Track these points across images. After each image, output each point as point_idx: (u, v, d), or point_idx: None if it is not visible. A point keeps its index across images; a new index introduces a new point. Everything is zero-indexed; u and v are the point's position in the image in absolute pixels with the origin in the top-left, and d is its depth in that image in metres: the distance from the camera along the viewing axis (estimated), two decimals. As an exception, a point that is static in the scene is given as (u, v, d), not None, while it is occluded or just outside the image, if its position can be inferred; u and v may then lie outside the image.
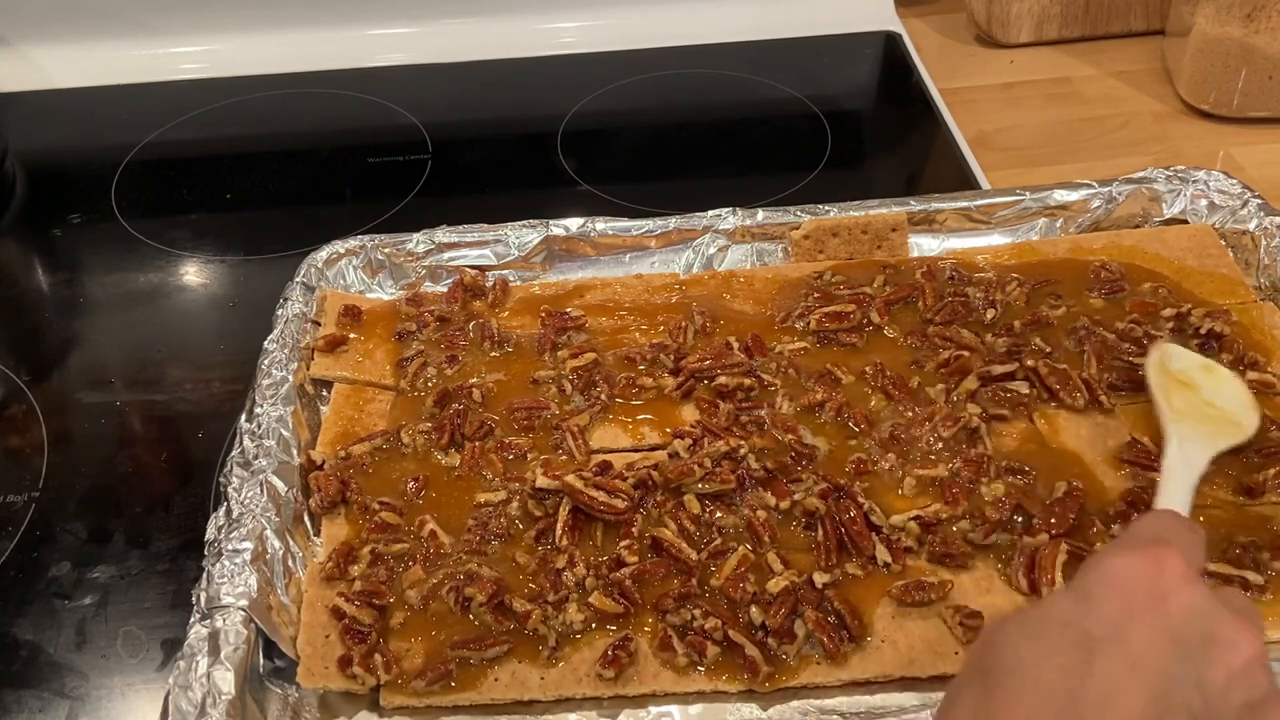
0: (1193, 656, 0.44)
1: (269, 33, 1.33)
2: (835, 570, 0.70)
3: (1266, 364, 0.81)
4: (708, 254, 0.95)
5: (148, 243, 1.09)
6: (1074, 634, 0.44)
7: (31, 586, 0.77)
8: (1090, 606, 0.45)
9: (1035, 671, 0.44)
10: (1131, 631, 0.44)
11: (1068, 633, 0.44)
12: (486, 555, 0.73)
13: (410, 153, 1.19)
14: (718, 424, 0.79)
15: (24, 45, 1.32)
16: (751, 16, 1.36)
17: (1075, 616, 0.45)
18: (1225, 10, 1.10)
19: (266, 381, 0.82)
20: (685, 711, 0.66)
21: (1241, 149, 1.13)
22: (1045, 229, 0.96)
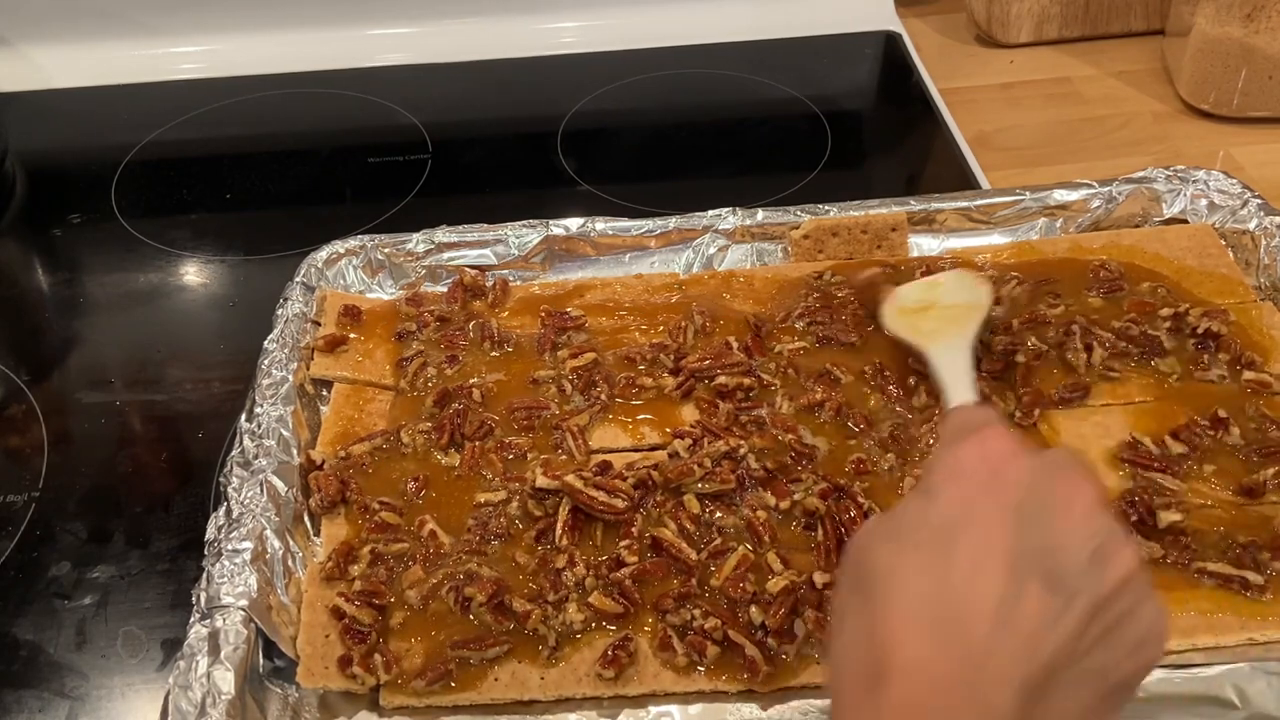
0: (1036, 520, 0.46)
1: (269, 33, 1.33)
2: (835, 570, 0.70)
3: (1264, 364, 0.81)
4: (708, 254, 0.95)
5: (148, 243, 1.09)
6: (928, 531, 0.47)
7: (31, 586, 0.77)
8: (936, 501, 0.48)
9: (902, 574, 0.47)
10: (975, 514, 0.47)
11: (922, 531, 0.48)
12: (486, 555, 0.73)
13: (410, 153, 1.19)
14: (718, 424, 0.79)
15: (24, 45, 1.32)
16: (751, 16, 1.36)
17: (925, 515, 0.48)
18: (1225, 10, 1.10)
19: (266, 381, 0.82)
20: (685, 711, 0.66)
21: (1241, 149, 1.13)
22: (1045, 229, 0.96)
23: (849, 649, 0.47)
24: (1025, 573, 0.45)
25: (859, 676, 0.45)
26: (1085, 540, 0.46)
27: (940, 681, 0.43)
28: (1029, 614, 0.44)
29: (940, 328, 0.80)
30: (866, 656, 0.45)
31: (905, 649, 0.44)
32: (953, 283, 0.85)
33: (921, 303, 0.83)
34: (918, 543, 0.47)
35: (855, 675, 0.46)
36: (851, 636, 0.47)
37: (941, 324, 0.80)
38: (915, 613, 0.45)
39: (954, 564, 0.46)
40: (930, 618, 0.45)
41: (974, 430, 0.51)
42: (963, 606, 0.45)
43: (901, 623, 0.45)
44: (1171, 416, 0.78)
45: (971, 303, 0.81)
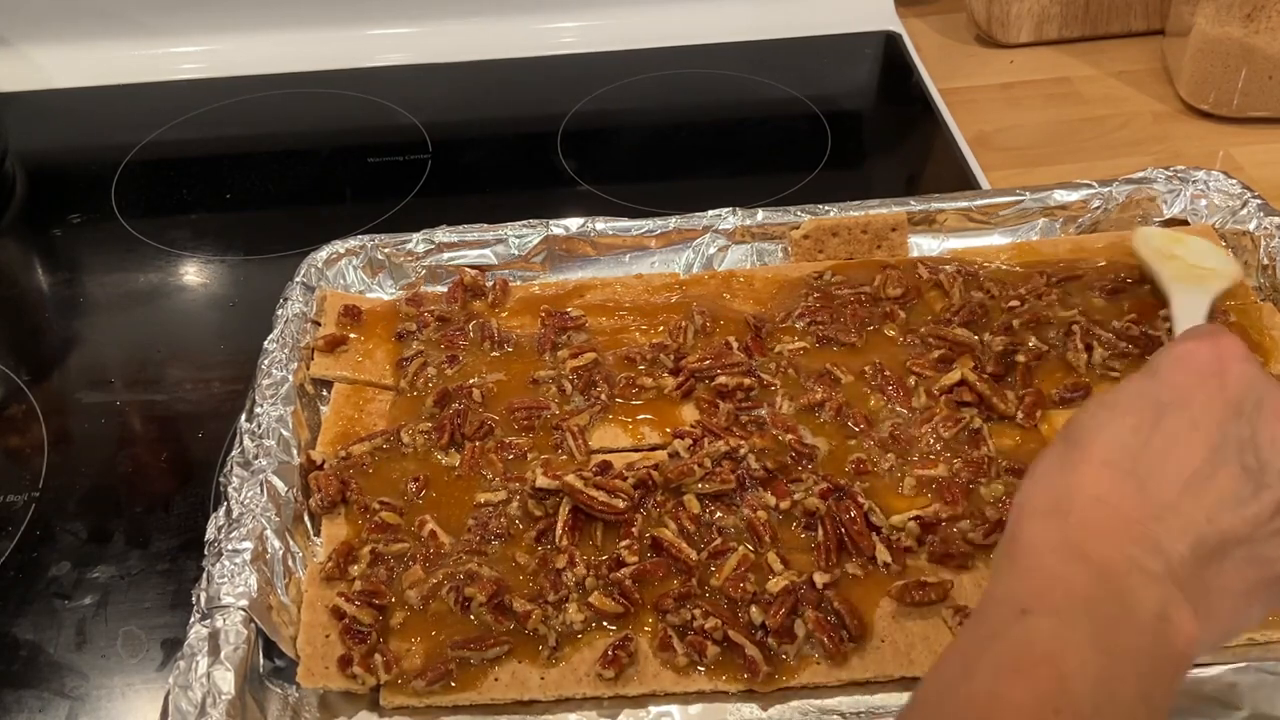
0: (1248, 417, 0.50)
1: (269, 33, 1.33)
2: (835, 570, 0.70)
3: (1265, 364, 0.81)
4: (708, 254, 0.95)
5: (148, 243, 1.09)
6: (1144, 401, 0.51)
7: (31, 586, 0.77)
8: (1160, 379, 0.52)
9: (1110, 428, 0.50)
10: (1193, 396, 0.50)
11: (1139, 400, 0.51)
12: (486, 555, 0.73)
13: (410, 153, 1.19)
14: (718, 424, 0.79)
15: (24, 45, 1.32)
16: (751, 16, 1.36)
17: (1146, 388, 0.52)
18: (1225, 10, 1.10)
19: (266, 381, 0.82)
20: (685, 711, 0.66)
21: (1241, 149, 1.13)
22: (1045, 229, 0.96)
23: (1039, 481, 0.51)
24: (1224, 456, 0.49)
25: (1043, 503, 0.49)
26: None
27: (1121, 517, 0.47)
28: (1218, 488, 0.48)
29: (1182, 275, 0.82)
30: (1057, 487, 0.49)
31: (1097, 486, 0.48)
32: (1202, 246, 0.86)
33: (1167, 251, 0.85)
34: (1131, 409, 0.51)
35: (1039, 502, 0.49)
36: (1045, 473, 0.51)
37: (1184, 275, 0.83)
38: (1113, 461, 0.49)
39: (1160, 430, 0.49)
40: (1125, 469, 0.49)
41: (1214, 331, 0.54)
42: (1158, 467, 0.48)
43: (1097, 467, 0.49)
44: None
45: (1220, 270, 0.84)
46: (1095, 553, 0.46)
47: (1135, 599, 0.45)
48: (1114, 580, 0.45)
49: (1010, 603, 0.46)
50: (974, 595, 0.69)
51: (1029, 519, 0.49)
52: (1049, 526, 0.48)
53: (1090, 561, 0.46)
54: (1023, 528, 0.49)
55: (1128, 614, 0.45)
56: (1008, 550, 0.49)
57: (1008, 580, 0.48)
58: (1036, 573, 0.47)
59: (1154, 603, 0.45)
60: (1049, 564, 0.47)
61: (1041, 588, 0.46)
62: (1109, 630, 0.44)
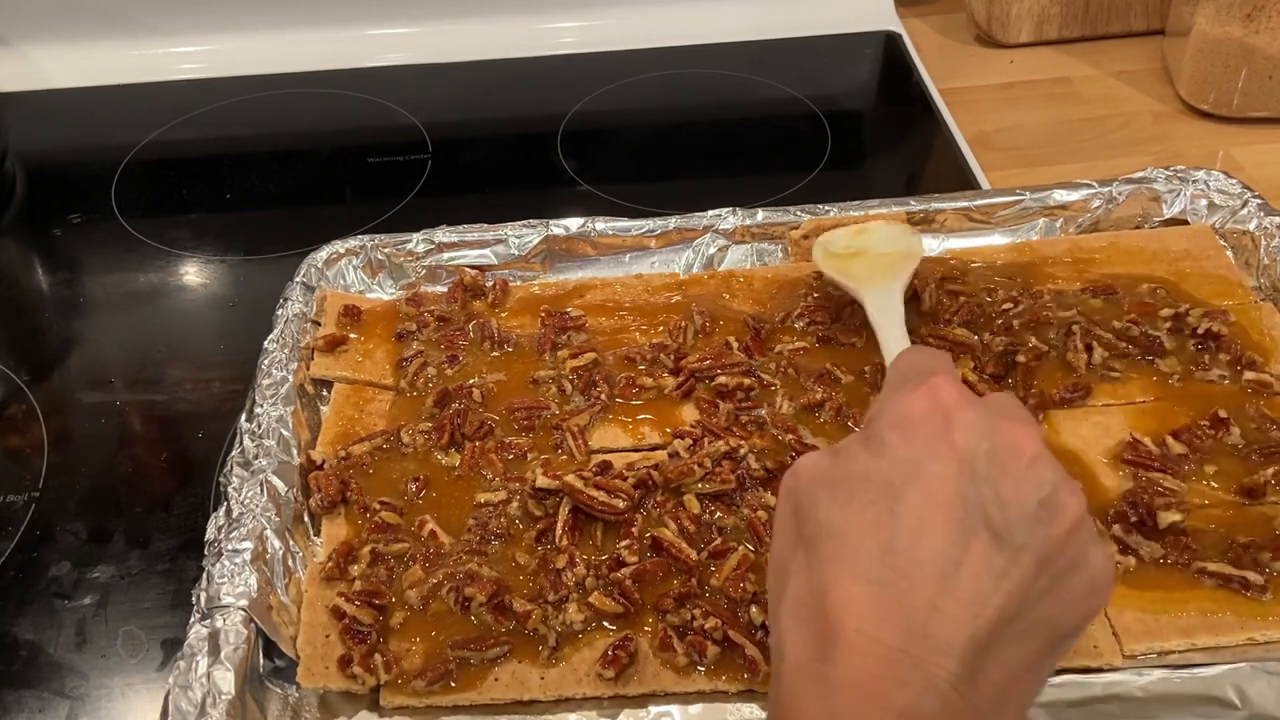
0: (983, 475, 0.46)
1: (269, 33, 1.33)
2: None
3: (1264, 364, 0.81)
4: (708, 254, 0.95)
5: (148, 243, 1.09)
6: (875, 486, 0.47)
7: (31, 586, 0.77)
8: (884, 453, 0.48)
9: (850, 530, 0.47)
10: (922, 468, 0.47)
11: (869, 486, 0.47)
12: (486, 555, 0.73)
13: (410, 153, 1.19)
14: (718, 424, 0.79)
15: (24, 45, 1.32)
16: (751, 16, 1.36)
17: (873, 469, 0.48)
18: (1225, 10, 1.10)
19: (266, 381, 0.82)
20: (685, 711, 0.66)
21: (1241, 149, 1.13)
22: (1045, 229, 0.96)
23: (798, 610, 0.47)
24: (972, 528, 0.45)
25: (807, 644, 0.46)
26: (1033, 491, 0.46)
27: (885, 654, 0.43)
28: (974, 572, 0.44)
29: (871, 274, 0.81)
30: (815, 623, 0.46)
31: (853, 618, 0.44)
32: (884, 231, 0.86)
33: (851, 248, 0.85)
34: (865, 500, 0.47)
35: (803, 641, 0.46)
36: (799, 597, 0.47)
37: (873, 270, 0.81)
38: (863, 575, 0.45)
39: (900, 521, 0.46)
40: (878, 581, 0.45)
41: (925, 375, 0.50)
42: (909, 568, 0.45)
43: (849, 586, 0.45)
44: (1172, 417, 0.78)
45: (904, 251, 0.83)
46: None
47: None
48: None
49: None
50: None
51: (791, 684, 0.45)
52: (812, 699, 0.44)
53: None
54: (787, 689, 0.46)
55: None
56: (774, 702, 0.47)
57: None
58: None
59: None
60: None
61: None
62: None
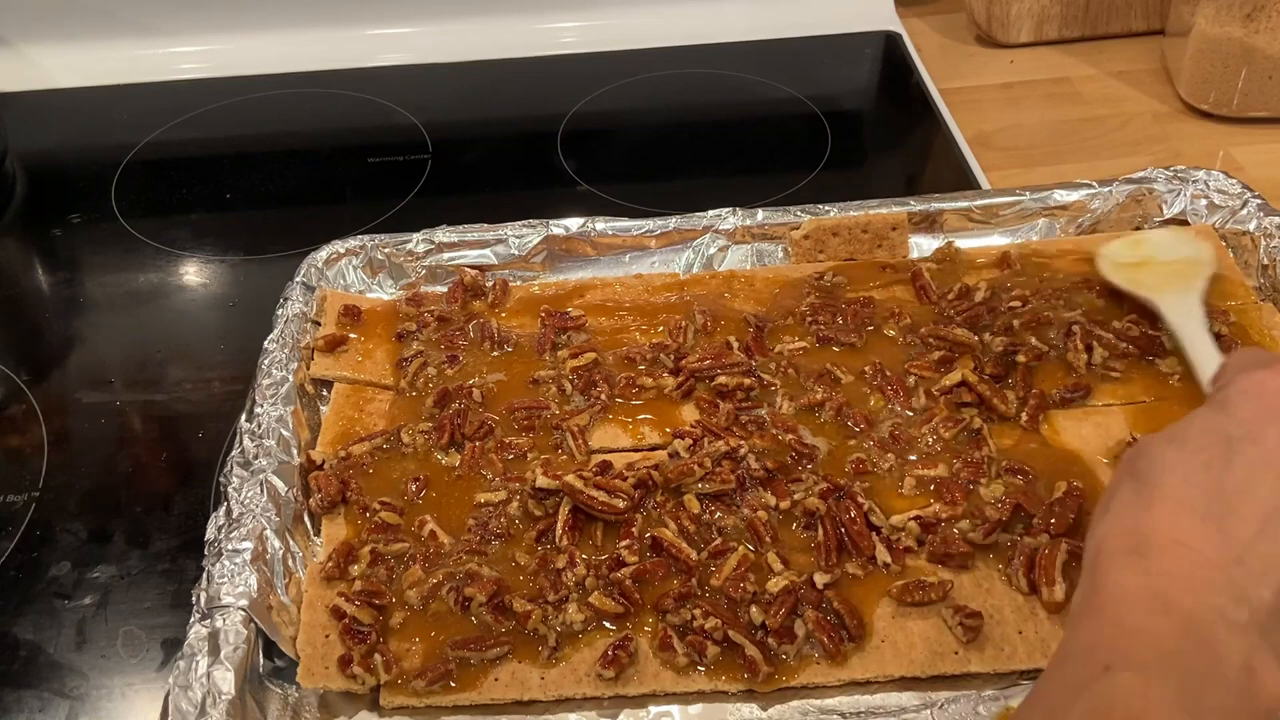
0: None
1: (269, 33, 1.33)
2: (835, 570, 0.70)
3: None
4: (708, 254, 0.95)
5: (148, 243, 1.09)
6: (1215, 437, 0.50)
7: (31, 586, 0.77)
8: (1229, 412, 0.50)
9: (1182, 468, 0.49)
10: (1265, 430, 0.49)
11: (1209, 436, 0.50)
12: (487, 555, 0.73)
13: (410, 153, 1.19)
14: (718, 424, 0.79)
15: (24, 45, 1.32)
16: (751, 16, 1.36)
17: (1215, 422, 0.50)
18: (1225, 10, 1.10)
19: (266, 381, 0.82)
20: (685, 711, 0.66)
21: (1241, 149, 1.13)
22: (1045, 229, 0.96)
23: (1115, 521, 0.49)
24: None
25: (1121, 546, 0.48)
26: None
27: (1203, 562, 0.46)
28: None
29: (1163, 282, 0.78)
30: (1132, 530, 0.48)
31: (1174, 529, 0.47)
32: (1167, 238, 0.83)
33: (1135, 258, 0.81)
34: (1202, 445, 0.49)
35: (1118, 544, 0.48)
36: (1119, 513, 0.49)
37: (1163, 278, 0.78)
38: (1187, 502, 0.48)
39: (1232, 469, 0.48)
40: (1201, 509, 0.47)
41: (1274, 360, 0.53)
42: (1235, 507, 0.47)
43: (1172, 508, 0.48)
44: (1172, 416, 0.77)
45: (1193, 258, 0.80)
46: (1179, 603, 0.45)
47: (1221, 653, 0.44)
48: (1199, 633, 0.44)
49: (1094, 655, 0.45)
50: (974, 595, 0.69)
51: (1109, 562, 0.48)
52: (1130, 572, 0.47)
53: (1174, 613, 0.45)
54: (1103, 572, 0.48)
55: (1214, 669, 0.44)
56: (1088, 596, 0.48)
57: (1090, 629, 0.47)
58: (1120, 623, 0.46)
59: (1239, 655, 0.44)
60: (1132, 615, 0.46)
61: (1126, 641, 0.45)
62: (1195, 688, 0.43)
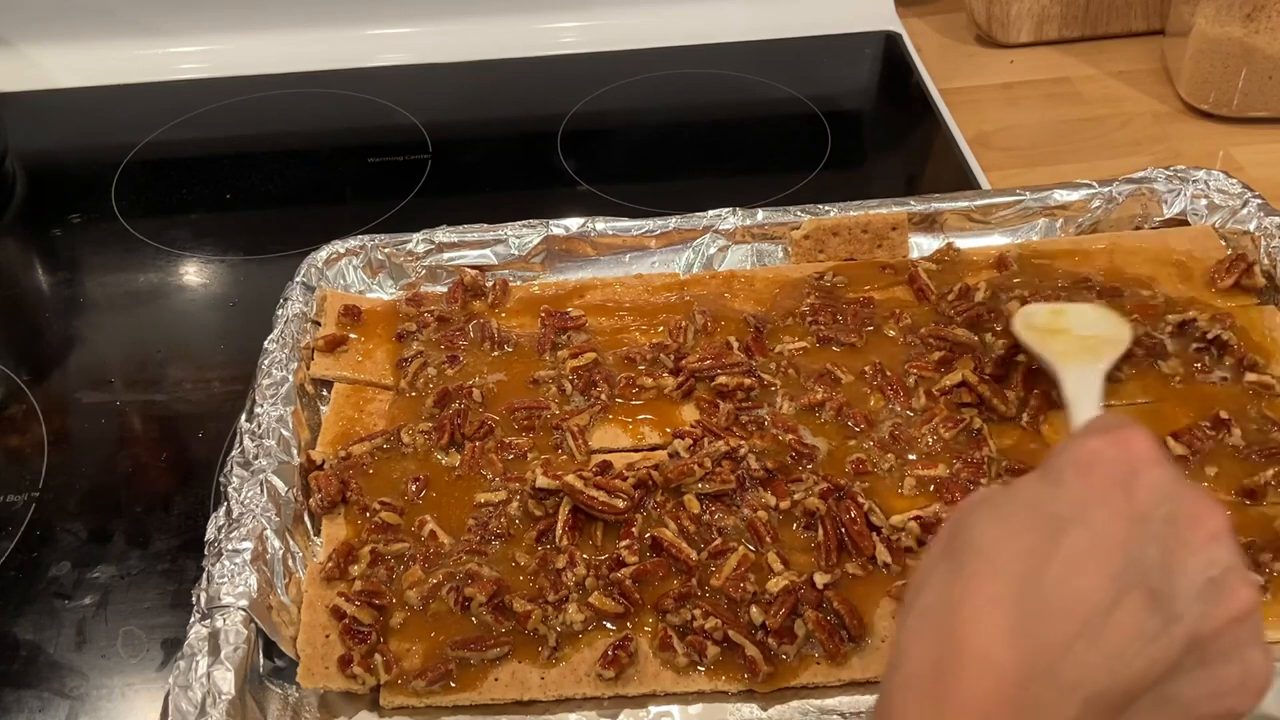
0: (1157, 535, 0.44)
1: (269, 33, 1.33)
2: (835, 570, 0.70)
3: (1266, 366, 0.81)
4: (708, 254, 0.95)
5: (148, 243, 1.09)
6: (1040, 516, 0.45)
7: (31, 586, 0.77)
8: (1058, 488, 0.46)
9: (1001, 552, 0.44)
10: (1096, 513, 0.44)
11: (1034, 515, 0.45)
12: (487, 555, 0.73)
13: (410, 153, 1.19)
14: (718, 424, 0.79)
15: (24, 45, 1.32)
16: (751, 16, 1.36)
17: (1042, 499, 0.46)
18: (1225, 10, 1.10)
19: (266, 381, 0.82)
20: (685, 711, 0.66)
21: (1241, 149, 1.13)
22: (1045, 229, 0.96)
23: (926, 619, 0.45)
24: (1130, 584, 0.43)
25: (928, 656, 0.44)
26: (1203, 567, 0.44)
27: (1006, 684, 0.42)
28: (1121, 627, 0.42)
29: (1073, 352, 0.78)
30: (941, 635, 0.44)
31: (981, 639, 0.43)
32: (1088, 315, 0.82)
33: (1051, 326, 0.81)
34: (1025, 526, 0.45)
35: (924, 653, 0.44)
36: (930, 605, 0.45)
37: (1075, 349, 0.78)
38: (1003, 599, 0.43)
39: (1056, 556, 0.43)
40: (1016, 608, 0.43)
41: (1121, 426, 0.48)
42: (1053, 603, 0.43)
43: (985, 606, 0.43)
44: (1173, 418, 0.78)
45: (1111, 337, 0.80)
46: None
47: None
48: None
49: None
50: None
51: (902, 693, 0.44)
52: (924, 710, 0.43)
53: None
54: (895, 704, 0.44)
55: None
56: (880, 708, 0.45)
57: None
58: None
59: None
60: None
61: None
62: None
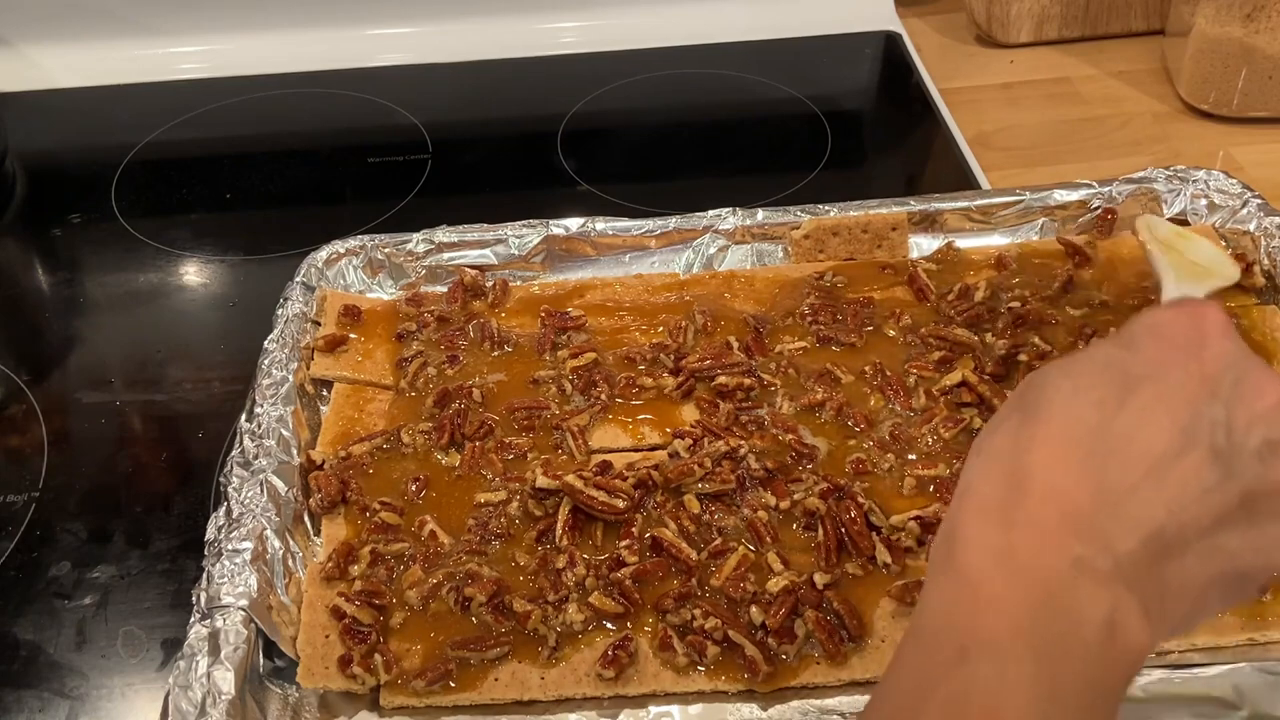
0: (1222, 397, 0.46)
1: (269, 33, 1.33)
2: (835, 570, 0.70)
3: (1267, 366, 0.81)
4: (708, 254, 0.95)
5: (148, 243, 1.09)
6: (1112, 373, 0.47)
7: (31, 586, 0.77)
8: (1132, 350, 0.48)
9: (1072, 403, 0.47)
10: (1166, 372, 0.47)
11: (1107, 372, 0.48)
12: (487, 555, 0.73)
13: (410, 153, 1.19)
14: (718, 424, 0.79)
15: (24, 45, 1.32)
16: (751, 16, 1.36)
17: (1116, 359, 0.48)
18: (1225, 10, 1.10)
19: (266, 381, 0.82)
20: (685, 711, 0.66)
21: (1241, 149, 1.13)
22: (1045, 229, 0.96)
23: (995, 459, 0.47)
24: (1194, 438, 0.45)
25: (997, 488, 0.46)
26: (1265, 430, 0.46)
27: (1072, 510, 0.44)
28: (1183, 475, 0.45)
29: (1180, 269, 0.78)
30: (1011, 471, 0.46)
31: (1050, 472, 0.45)
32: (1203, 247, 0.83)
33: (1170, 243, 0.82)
34: (1098, 381, 0.47)
35: (993, 486, 0.46)
36: (1000, 447, 0.47)
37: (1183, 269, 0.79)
38: (1072, 439, 0.46)
39: (1125, 408, 0.46)
40: (1085, 449, 0.45)
41: (1197, 303, 0.50)
42: (1120, 448, 0.45)
43: (1055, 446, 0.46)
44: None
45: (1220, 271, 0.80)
46: (1039, 563, 0.43)
47: (1080, 613, 0.43)
48: (1057, 595, 0.43)
49: (949, 634, 0.44)
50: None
51: (971, 516, 0.46)
52: (991, 529, 0.45)
53: (1033, 574, 0.43)
54: (963, 526, 0.46)
55: (1073, 633, 0.42)
56: (947, 551, 0.46)
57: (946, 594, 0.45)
58: (976, 591, 0.44)
59: (1101, 610, 0.43)
60: (989, 581, 0.44)
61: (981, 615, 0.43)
62: (1052, 663, 0.42)
